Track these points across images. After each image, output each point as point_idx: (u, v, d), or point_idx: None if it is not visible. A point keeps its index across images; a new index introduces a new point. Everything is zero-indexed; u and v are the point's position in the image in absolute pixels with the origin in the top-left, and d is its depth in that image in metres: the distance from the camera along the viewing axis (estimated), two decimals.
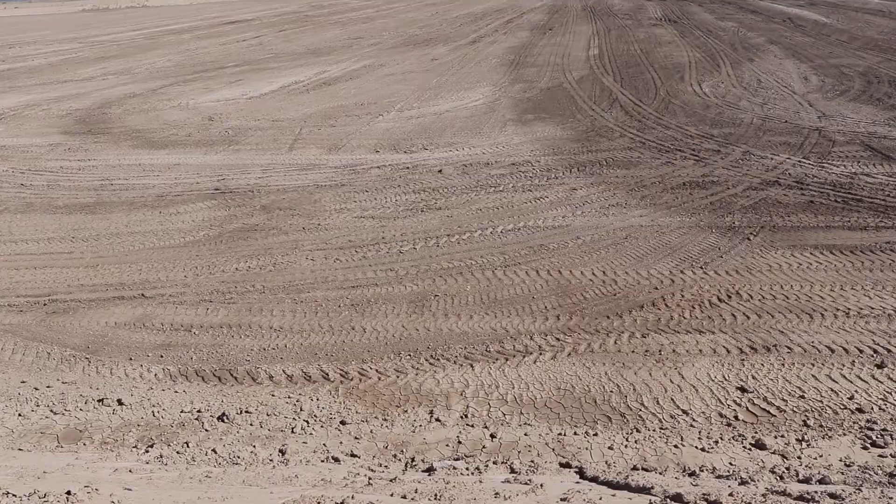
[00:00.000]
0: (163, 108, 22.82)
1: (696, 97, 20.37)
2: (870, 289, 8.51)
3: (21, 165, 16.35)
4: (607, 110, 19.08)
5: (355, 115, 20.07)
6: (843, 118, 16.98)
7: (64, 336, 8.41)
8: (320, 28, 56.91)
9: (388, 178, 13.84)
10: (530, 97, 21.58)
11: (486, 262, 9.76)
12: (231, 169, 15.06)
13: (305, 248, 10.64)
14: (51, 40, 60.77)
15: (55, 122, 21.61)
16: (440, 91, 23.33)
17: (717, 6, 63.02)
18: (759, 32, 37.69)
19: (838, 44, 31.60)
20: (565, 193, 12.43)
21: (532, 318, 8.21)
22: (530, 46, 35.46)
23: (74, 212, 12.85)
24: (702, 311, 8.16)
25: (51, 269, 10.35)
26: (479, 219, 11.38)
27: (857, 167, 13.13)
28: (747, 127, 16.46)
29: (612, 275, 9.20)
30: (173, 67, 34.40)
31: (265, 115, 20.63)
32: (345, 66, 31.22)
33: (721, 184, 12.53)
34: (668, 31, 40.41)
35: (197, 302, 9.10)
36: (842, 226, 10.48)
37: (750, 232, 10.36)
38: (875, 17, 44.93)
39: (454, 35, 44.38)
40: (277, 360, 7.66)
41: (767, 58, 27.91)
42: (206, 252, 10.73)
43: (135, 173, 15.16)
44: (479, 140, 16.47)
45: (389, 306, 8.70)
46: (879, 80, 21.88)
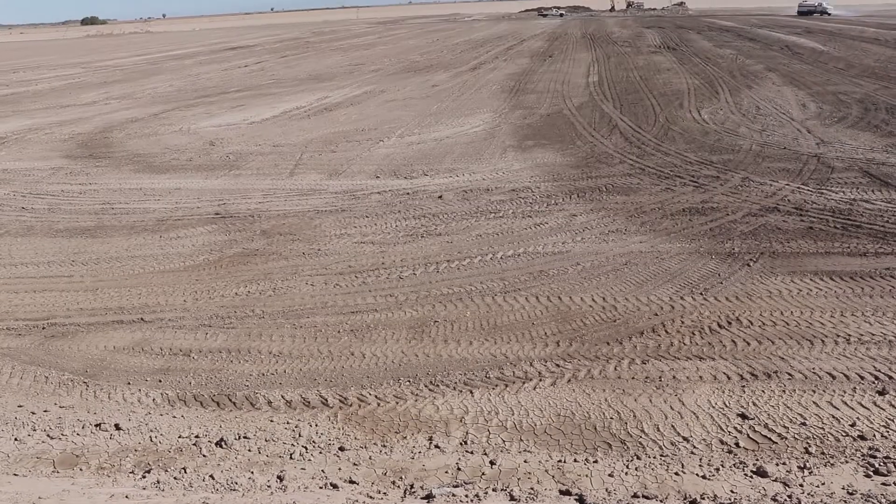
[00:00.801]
0: (164, 133, 22.95)
1: (695, 124, 20.49)
2: (870, 315, 8.49)
3: (22, 189, 16.40)
4: (607, 137, 19.17)
5: (356, 140, 20.17)
6: (842, 145, 17.07)
7: (62, 360, 8.37)
8: (322, 54, 57.36)
9: (388, 203, 13.87)
10: (530, 123, 21.70)
11: (486, 287, 9.75)
12: (232, 194, 15.10)
13: (305, 273, 10.64)
14: (55, 65, 61.24)
15: (57, 145, 21.71)
16: (441, 117, 23.46)
17: (716, 34, 63.59)
18: (757, 60, 37.99)
19: (836, 71, 31.83)
20: (565, 219, 12.45)
21: (532, 345, 8.19)
22: (530, 73, 35.72)
23: (75, 235, 12.86)
24: (702, 338, 8.14)
25: (50, 293, 10.33)
26: (479, 245, 11.39)
27: (855, 193, 13.17)
28: (746, 153, 16.54)
29: (612, 301, 9.19)
30: (175, 92, 34.63)
31: (266, 141, 20.73)
32: (346, 91, 31.43)
33: (720, 210, 12.56)
34: (667, 59, 40.73)
35: (196, 326, 9.07)
36: (841, 252, 10.49)
37: (750, 258, 10.36)
38: (871, 45, 45.31)
39: (455, 62, 44.71)
40: (276, 385, 7.63)
41: (766, 85, 28.11)
42: (205, 276, 10.72)
43: (135, 197, 15.19)
44: (479, 166, 16.53)
45: (389, 332, 8.68)
46: (877, 107, 22.02)
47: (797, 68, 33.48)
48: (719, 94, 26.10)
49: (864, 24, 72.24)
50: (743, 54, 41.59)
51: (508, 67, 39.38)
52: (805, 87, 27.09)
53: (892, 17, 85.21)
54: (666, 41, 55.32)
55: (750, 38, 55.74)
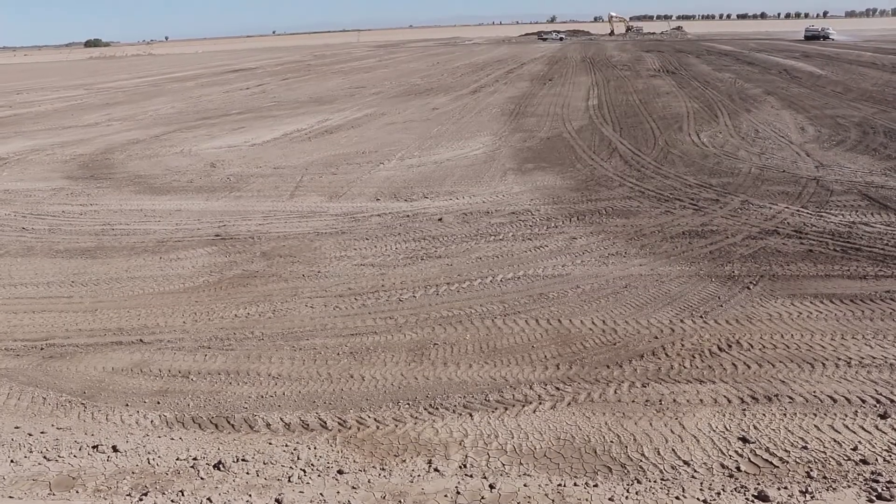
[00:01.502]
0: (166, 155, 23.03)
1: (694, 147, 20.57)
2: (871, 338, 8.48)
3: (23, 209, 16.43)
4: (607, 160, 19.24)
5: (356, 163, 20.24)
6: (841, 168, 17.13)
7: (60, 381, 8.34)
8: (323, 77, 57.70)
9: (388, 226, 13.89)
10: (530, 147, 21.79)
11: (486, 310, 9.73)
12: (232, 215, 15.12)
13: (305, 295, 10.62)
14: (58, 86, 61.57)
15: (59, 166, 21.78)
16: (441, 140, 23.56)
17: (715, 58, 64.04)
18: (755, 84, 38.23)
19: (833, 95, 32.02)
20: (565, 242, 12.46)
21: (532, 368, 8.16)
22: (530, 96, 35.92)
23: (75, 256, 12.86)
24: (702, 361, 8.11)
25: (49, 314, 10.32)
26: (479, 267, 11.39)
27: (855, 216, 13.20)
28: (745, 176, 16.59)
29: (612, 324, 9.18)
30: (177, 114, 34.80)
31: (267, 163, 20.80)
32: (346, 114, 31.59)
33: (720, 233, 12.58)
34: (666, 82, 40.98)
35: (195, 348, 9.05)
36: (841, 275, 10.49)
37: (749, 281, 10.36)
38: (868, 69, 45.62)
39: (455, 85, 44.96)
40: (275, 407, 7.59)
41: (764, 108, 28.26)
42: (205, 298, 10.71)
43: (136, 218, 15.22)
44: (479, 189, 16.57)
45: (388, 354, 8.65)
46: (875, 130, 22.13)
47: (795, 92, 33.69)
48: (718, 117, 26.23)
49: (861, 48, 72.83)
50: (742, 78, 41.88)
51: (508, 91, 39.61)
52: (803, 110, 27.24)
53: (889, 41, 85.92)
54: (665, 65, 55.70)
55: (748, 62, 56.15)
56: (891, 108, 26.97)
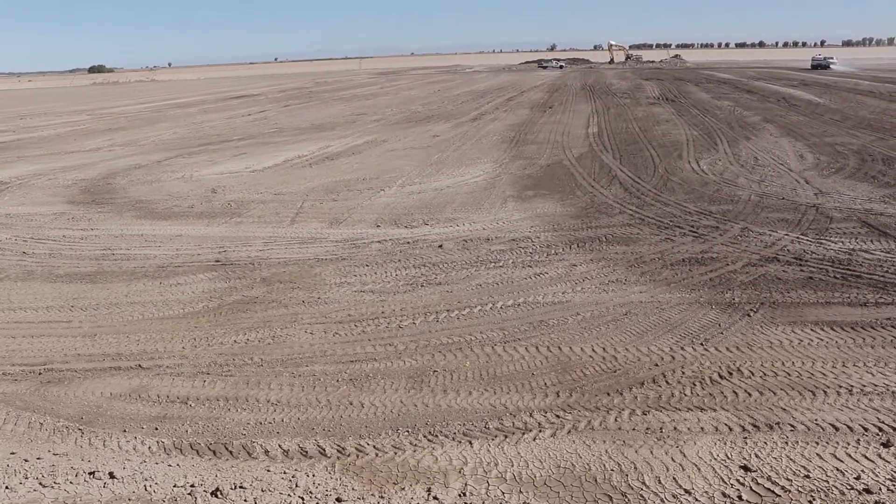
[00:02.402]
0: (167, 180, 23.11)
1: (694, 174, 20.65)
2: (872, 365, 8.45)
3: (24, 234, 16.45)
4: (606, 187, 19.30)
5: (357, 189, 20.30)
6: (840, 195, 17.18)
7: (58, 406, 8.30)
8: (324, 104, 58.07)
9: (388, 252, 13.90)
10: (530, 174, 21.87)
11: (486, 337, 9.71)
12: (232, 241, 15.14)
13: (305, 321, 10.60)
14: (61, 112, 61.96)
15: (60, 191, 21.85)
16: (441, 167, 23.65)
17: (714, 86, 64.49)
18: (754, 111, 38.47)
19: (832, 123, 32.21)
20: (565, 269, 12.46)
21: (532, 395, 8.12)
22: (530, 124, 36.13)
23: (75, 281, 12.86)
24: (703, 389, 8.08)
25: (48, 338, 10.29)
26: (479, 294, 11.38)
27: (854, 243, 13.22)
28: (745, 204, 16.63)
29: (612, 351, 9.15)
30: (179, 140, 34.98)
31: (268, 189, 20.87)
32: (347, 141, 31.74)
33: (720, 260, 12.58)
34: (665, 110, 41.23)
35: (194, 374, 9.02)
36: (842, 302, 10.48)
37: (750, 308, 10.35)
38: (866, 97, 45.93)
39: (456, 112, 45.23)
40: (274, 434, 7.55)
41: (763, 136, 28.41)
42: (204, 324, 10.69)
43: (137, 243, 15.23)
44: (479, 216, 16.61)
45: (388, 381, 8.62)
46: (873, 158, 22.23)
47: (794, 120, 33.89)
48: (718, 145, 26.36)
49: (858, 77, 73.40)
50: (740, 106, 42.15)
51: (509, 118, 39.85)
52: (802, 138, 27.38)
53: (886, 70, 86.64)
54: (664, 93, 56.07)
55: (747, 90, 56.54)
56: (889, 136, 27.12)
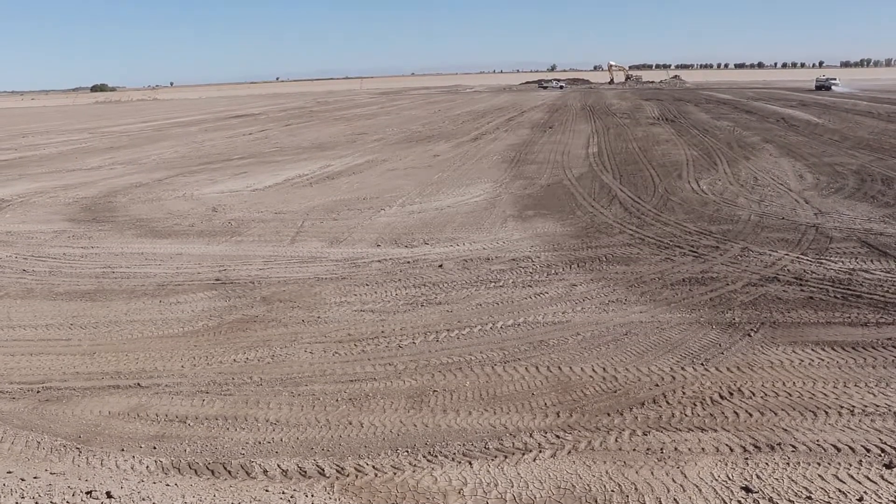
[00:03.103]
0: (168, 198, 23.16)
1: (694, 194, 20.69)
2: (874, 386, 8.43)
3: (24, 251, 16.46)
4: (607, 207, 19.34)
5: (357, 209, 20.33)
6: (839, 215, 17.21)
7: (56, 425, 8.27)
8: (325, 123, 58.31)
9: (388, 272, 13.89)
10: (531, 194, 21.91)
11: (486, 357, 9.69)
12: (233, 260, 15.14)
13: (304, 340, 10.58)
14: (63, 130, 62.22)
15: (61, 209, 21.89)
16: (442, 187, 23.70)
17: (713, 106, 64.80)
18: (753, 132, 38.62)
19: (831, 143, 32.34)
20: (565, 289, 12.46)
21: (532, 415, 8.09)
22: (531, 144, 36.25)
23: (74, 299, 12.85)
24: (703, 409, 8.05)
25: (47, 356, 10.27)
26: (479, 314, 11.36)
27: (855, 263, 13.22)
28: (745, 223, 16.66)
29: (613, 371, 9.13)
30: (180, 159, 35.09)
31: (268, 208, 20.90)
32: (348, 160, 31.84)
33: (720, 280, 12.58)
34: (665, 130, 41.39)
35: (193, 393, 8.99)
36: (842, 322, 10.46)
37: (750, 328, 10.33)
38: (864, 118, 46.15)
39: (456, 132, 45.40)
40: (273, 454, 7.51)
41: (763, 156, 28.50)
42: (204, 342, 10.67)
43: (137, 262, 15.23)
44: (479, 235, 16.62)
45: (388, 401, 8.59)
46: (873, 178, 22.30)
47: (793, 140, 34.02)
48: (717, 165, 26.44)
49: (856, 97, 73.79)
50: (740, 126, 42.33)
51: (509, 138, 39.98)
52: (801, 158, 27.47)
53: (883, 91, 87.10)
54: (664, 113, 56.32)
55: (746, 111, 56.81)
56: (887, 156, 27.21)
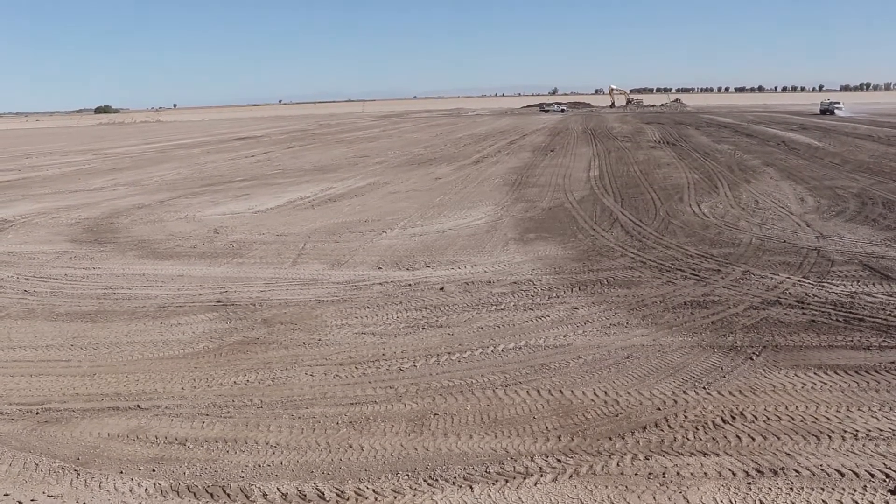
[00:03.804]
0: (170, 220, 23.21)
1: (695, 217, 20.72)
2: (877, 410, 8.38)
3: (26, 272, 16.47)
4: (608, 230, 19.35)
5: (359, 231, 20.36)
6: (841, 238, 17.22)
7: (54, 446, 8.22)
8: (327, 146, 58.55)
9: (389, 294, 13.88)
10: (532, 216, 21.94)
11: (487, 381, 9.65)
12: (234, 282, 15.14)
13: (305, 363, 10.56)
14: (66, 151, 62.51)
15: (64, 230, 21.93)
16: (443, 209, 23.74)
17: (714, 129, 65.06)
18: (754, 155, 38.75)
19: (832, 166, 32.43)
20: (567, 312, 12.43)
21: (533, 439, 8.05)
22: (532, 167, 36.37)
23: (75, 320, 12.83)
24: (706, 433, 8.00)
25: (47, 377, 10.24)
26: (481, 337, 11.34)
27: (856, 287, 13.20)
28: (746, 247, 16.66)
29: (614, 395, 9.09)
30: (182, 180, 35.21)
31: (270, 230, 20.93)
32: (350, 183, 31.93)
33: (722, 303, 12.56)
34: (666, 154, 41.53)
35: (193, 415, 8.95)
36: (845, 345, 10.43)
37: (752, 352, 10.30)
38: (865, 141, 46.32)
39: (458, 155, 45.56)
40: (272, 477, 7.46)
41: (764, 179, 28.57)
42: (204, 364, 10.64)
43: (138, 283, 15.23)
44: (481, 258, 16.62)
45: (388, 424, 8.55)
46: (874, 201, 22.33)
47: (794, 163, 34.12)
48: (718, 188, 26.49)
49: (856, 121, 74.10)
50: (741, 149, 42.48)
51: (511, 161, 40.11)
52: (802, 181, 27.54)
53: (883, 114, 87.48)
54: (665, 136, 56.53)
55: (747, 134, 57.03)
56: (888, 180, 27.28)
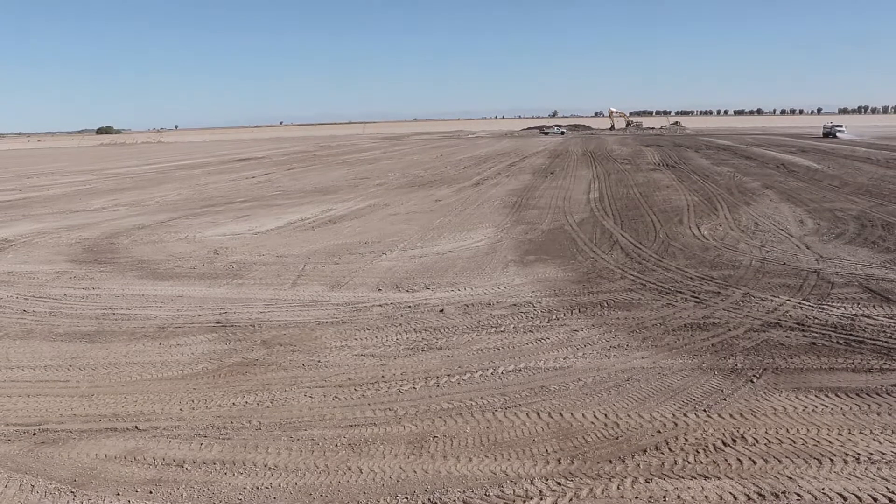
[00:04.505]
0: (170, 241, 23.22)
1: (695, 240, 20.73)
2: (879, 433, 8.34)
3: (26, 291, 16.46)
4: (608, 252, 19.36)
5: (359, 253, 20.36)
6: (841, 260, 17.22)
7: (51, 468, 8.18)
8: (328, 167, 58.74)
9: (389, 316, 13.86)
10: (532, 239, 21.96)
11: (487, 403, 9.62)
12: (234, 303, 15.12)
13: (304, 384, 10.52)
14: (68, 171, 62.72)
15: (64, 249, 21.94)
16: (443, 231, 23.76)
17: (713, 152, 65.30)
18: (754, 177, 38.86)
19: (831, 189, 32.52)
20: (566, 335, 12.41)
21: (533, 462, 8.00)
22: (532, 189, 36.45)
23: (74, 340, 12.81)
24: (706, 456, 7.96)
25: (44, 398, 10.20)
26: (480, 359, 11.31)
27: (857, 309, 13.19)
28: (746, 269, 16.66)
29: (615, 417, 9.05)
30: (183, 201, 35.27)
31: (270, 251, 20.94)
32: (350, 204, 31.99)
33: (722, 325, 12.54)
34: (666, 176, 41.65)
35: (191, 436, 8.90)
36: (845, 368, 10.40)
37: (753, 374, 10.27)
38: (863, 164, 46.49)
39: (458, 177, 45.69)
40: (270, 499, 7.41)
41: (763, 201, 28.63)
42: (203, 385, 10.60)
43: (137, 303, 15.22)
44: (480, 280, 16.61)
45: (387, 447, 8.50)
46: (873, 223, 22.37)
47: (793, 185, 34.20)
48: (718, 210, 26.54)
49: (855, 143, 74.43)
50: (740, 172, 42.61)
51: (511, 183, 40.21)
52: (802, 203, 27.59)
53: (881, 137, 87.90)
54: (665, 159, 56.73)
55: (746, 157, 57.23)
56: (887, 202, 27.34)
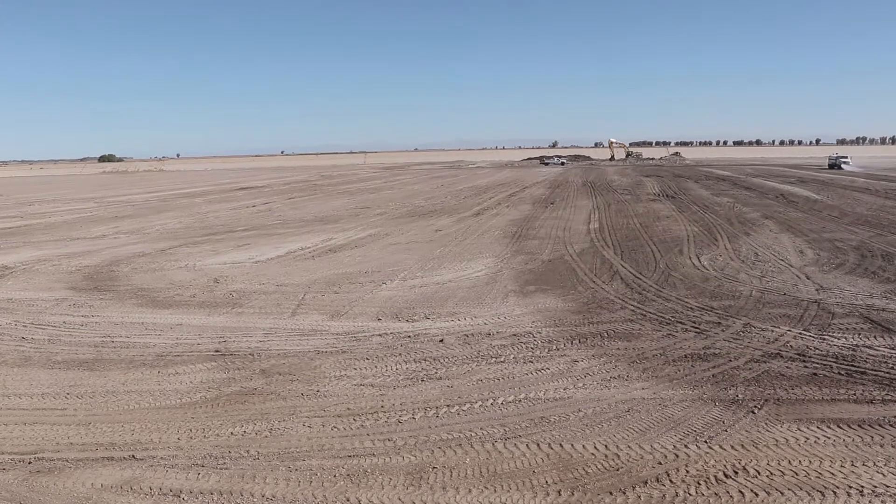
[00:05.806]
0: (170, 269, 23.23)
1: (695, 270, 20.74)
2: (882, 465, 8.28)
3: (25, 319, 16.43)
4: (608, 282, 19.35)
5: (359, 282, 20.35)
6: (841, 291, 17.21)
7: (45, 497, 8.10)
8: (328, 197, 58.95)
9: (389, 346, 13.82)
10: (532, 269, 21.96)
11: (486, 434, 9.56)
12: (233, 331, 15.09)
13: (303, 414, 10.46)
14: (69, 199, 62.92)
15: (64, 277, 21.94)
16: (443, 261, 23.77)
17: (713, 182, 65.58)
18: (753, 208, 38.98)
19: (830, 219, 32.60)
20: (566, 365, 12.37)
21: (532, 493, 7.94)
22: (532, 219, 36.53)
23: (72, 367, 12.76)
24: (708, 488, 7.89)
25: (41, 426, 10.14)
26: (480, 390, 11.26)
27: (858, 339, 13.16)
28: (747, 299, 16.64)
29: (615, 449, 8.99)
30: (184, 229, 35.35)
31: (270, 280, 20.93)
32: (351, 234, 32.05)
33: (723, 356, 12.50)
34: (665, 206, 41.78)
35: (189, 466, 8.84)
36: (847, 399, 10.35)
37: (754, 405, 10.21)
38: (862, 194, 46.69)
39: (458, 207, 45.82)
40: None
41: (763, 232, 28.68)
42: (201, 414, 10.54)
43: (136, 331, 15.18)
44: (480, 310, 16.58)
45: (386, 478, 8.44)
46: (873, 253, 22.39)
47: (793, 216, 34.29)
48: (718, 240, 26.58)
49: (854, 174, 74.78)
50: (740, 202, 42.75)
51: (511, 213, 40.32)
52: (802, 234, 27.64)
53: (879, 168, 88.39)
54: (665, 189, 56.94)
55: (746, 187, 57.45)
56: (886, 232, 27.39)
